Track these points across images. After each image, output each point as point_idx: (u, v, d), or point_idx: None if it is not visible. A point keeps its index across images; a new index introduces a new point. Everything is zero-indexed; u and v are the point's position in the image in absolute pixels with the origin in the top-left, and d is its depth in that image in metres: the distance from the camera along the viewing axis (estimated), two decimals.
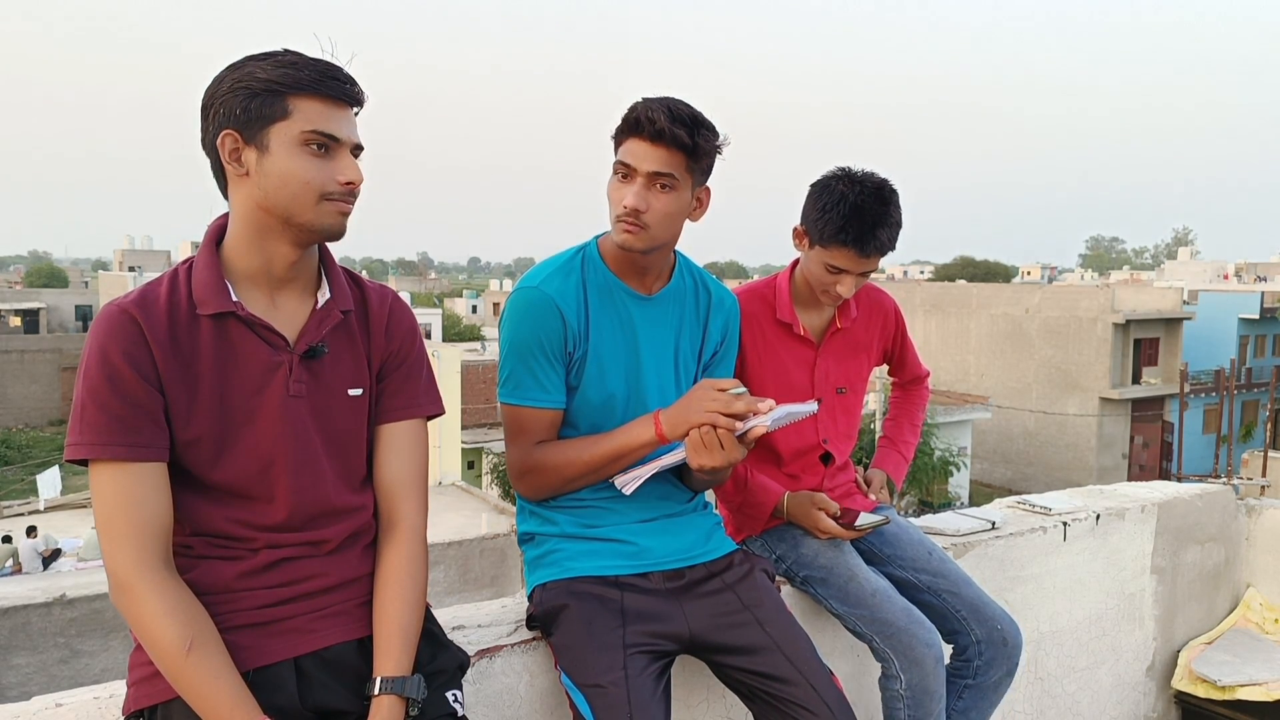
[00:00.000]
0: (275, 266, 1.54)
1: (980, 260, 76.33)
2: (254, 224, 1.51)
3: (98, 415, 1.40)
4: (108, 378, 1.41)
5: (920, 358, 2.67)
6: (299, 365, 1.54)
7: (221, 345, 1.49)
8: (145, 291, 1.48)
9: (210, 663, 1.40)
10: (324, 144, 1.48)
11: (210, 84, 1.48)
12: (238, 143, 1.46)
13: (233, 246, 1.53)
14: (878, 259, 2.21)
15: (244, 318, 1.50)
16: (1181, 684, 3.37)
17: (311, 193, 1.48)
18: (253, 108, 1.45)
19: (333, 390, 1.59)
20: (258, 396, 1.51)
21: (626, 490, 1.89)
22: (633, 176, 1.86)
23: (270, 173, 1.46)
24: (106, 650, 8.37)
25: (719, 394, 1.74)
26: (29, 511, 22.20)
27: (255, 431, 1.51)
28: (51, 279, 64.68)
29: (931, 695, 2.13)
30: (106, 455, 1.40)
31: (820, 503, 2.24)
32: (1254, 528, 3.69)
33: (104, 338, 1.42)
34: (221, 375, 1.49)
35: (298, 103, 1.46)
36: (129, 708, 1.48)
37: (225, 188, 1.53)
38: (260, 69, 1.45)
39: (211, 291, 1.49)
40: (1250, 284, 47.93)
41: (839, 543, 2.29)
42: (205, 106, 1.48)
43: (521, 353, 1.89)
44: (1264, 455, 15.16)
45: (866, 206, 2.14)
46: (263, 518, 1.53)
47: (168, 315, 1.46)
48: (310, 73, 1.46)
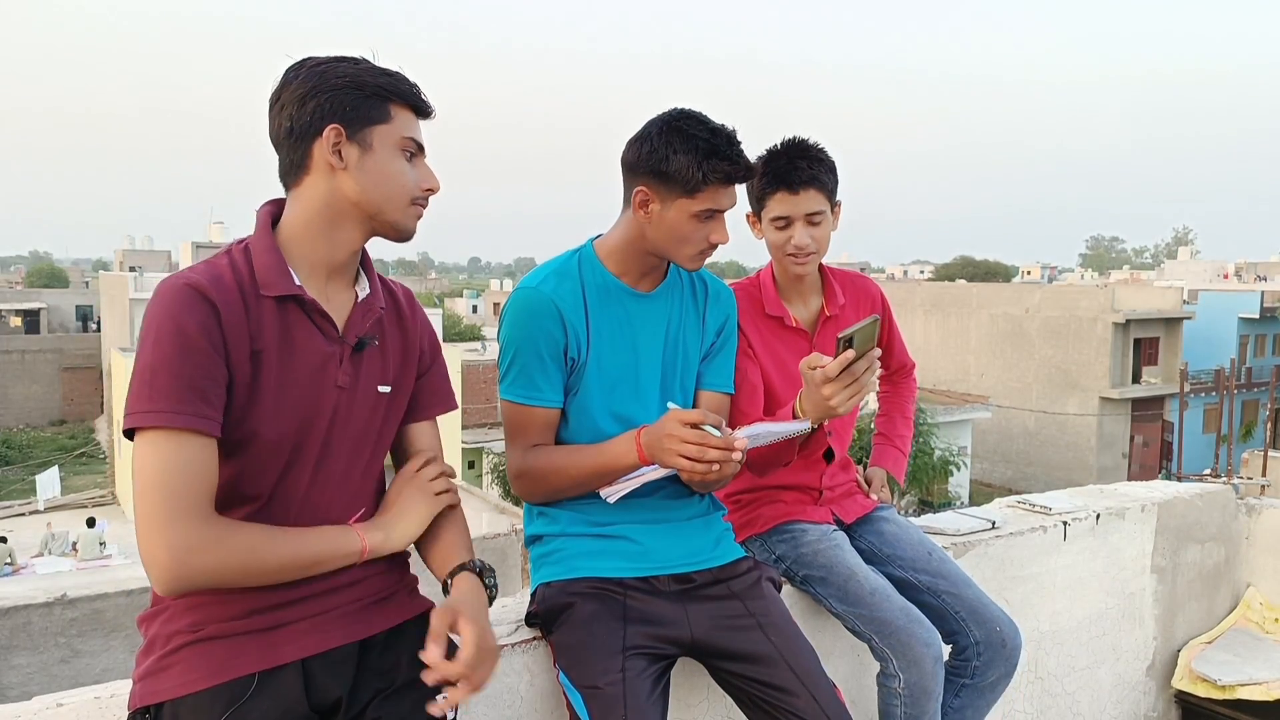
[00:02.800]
0: (337, 256, 1.57)
1: (980, 260, 76.31)
2: (331, 213, 1.54)
3: (171, 384, 1.39)
4: (183, 348, 1.40)
5: (907, 349, 2.67)
6: (348, 357, 1.58)
7: (283, 328, 1.51)
8: (210, 269, 1.47)
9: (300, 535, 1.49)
10: (413, 151, 1.58)
11: (305, 76, 1.51)
12: (341, 137, 1.51)
13: (296, 233, 1.54)
14: (815, 195, 2.23)
15: (306, 302, 1.52)
16: (1182, 683, 3.37)
17: (405, 195, 1.57)
18: (361, 107, 1.51)
19: (366, 385, 1.61)
20: (311, 385, 1.53)
21: (611, 500, 1.90)
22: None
23: (371, 170, 1.53)
24: (107, 650, 8.37)
25: (690, 434, 1.71)
26: (30, 511, 22.19)
27: (298, 419, 1.52)
28: (52, 279, 64.68)
29: (929, 695, 2.13)
30: (179, 424, 1.38)
31: (810, 364, 1.88)
32: (1254, 527, 3.69)
33: (177, 309, 1.40)
34: (281, 358, 1.50)
35: (397, 110, 1.55)
36: (134, 704, 1.48)
37: (297, 175, 1.54)
38: (366, 73, 1.53)
39: (276, 274, 1.50)
40: (1250, 283, 47.91)
41: (838, 542, 2.29)
42: (303, 96, 1.50)
43: (520, 351, 1.90)
44: (1264, 455, 15.15)
45: (779, 151, 2.25)
46: (283, 511, 1.53)
47: (237, 293, 1.47)
48: (407, 85, 1.56)
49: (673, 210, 1.87)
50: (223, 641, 1.47)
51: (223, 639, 1.47)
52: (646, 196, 1.88)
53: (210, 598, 1.47)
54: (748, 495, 2.40)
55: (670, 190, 1.86)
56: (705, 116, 1.88)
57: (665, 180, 1.85)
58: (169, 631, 1.48)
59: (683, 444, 1.71)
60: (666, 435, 1.74)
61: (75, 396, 42.50)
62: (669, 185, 1.85)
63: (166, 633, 1.48)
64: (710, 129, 1.85)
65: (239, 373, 1.45)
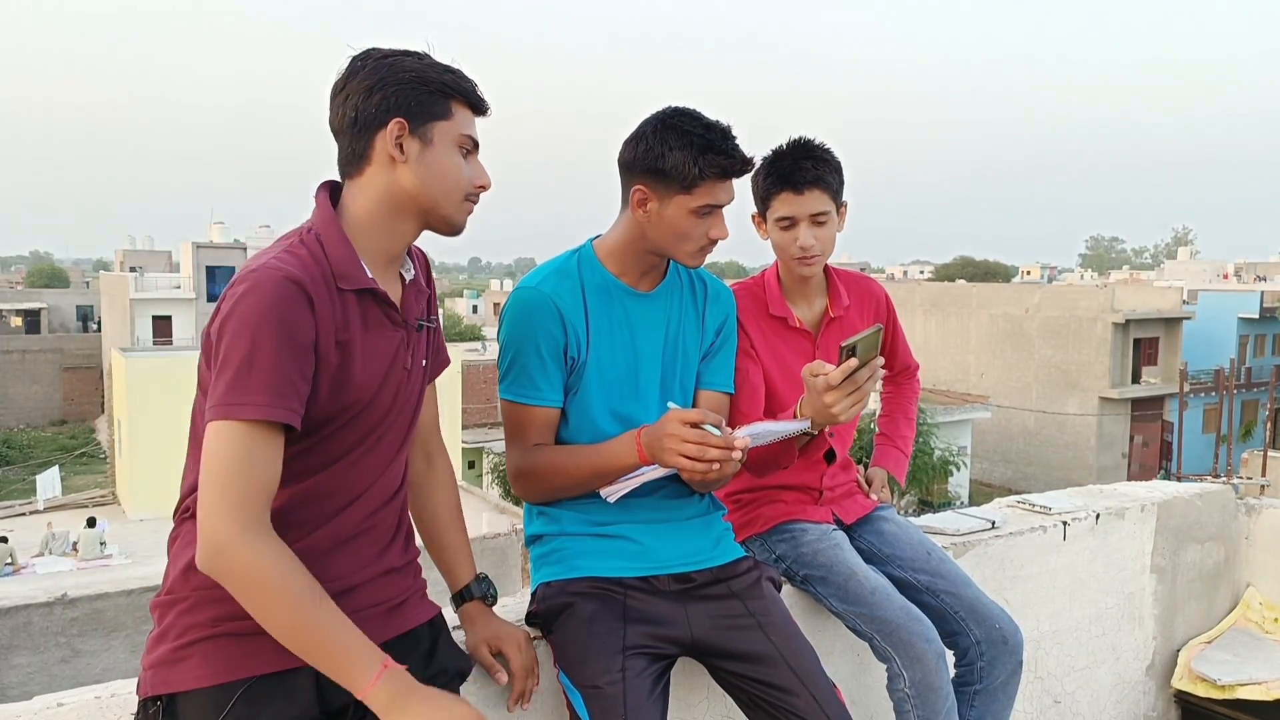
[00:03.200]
0: (395, 247, 1.60)
1: (980, 260, 76.38)
2: (392, 206, 1.56)
3: (269, 378, 1.40)
4: (284, 343, 1.41)
5: (911, 350, 2.67)
6: (412, 342, 1.63)
7: (362, 319, 1.54)
8: (298, 261, 1.47)
9: (332, 612, 1.41)
10: (469, 148, 1.61)
11: (373, 68, 1.53)
12: (404, 130, 1.53)
13: (360, 223, 1.56)
14: (820, 196, 2.23)
15: (379, 294, 1.55)
16: (1181, 683, 3.37)
17: (461, 190, 1.60)
18: (425, 102, 1.54)
19: (419, 363, 1.67)
20: (387, 372, 1.58)
21: (611, 499, 1.91)
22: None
23: (431, 165, 1.55)
24: (108, 650, 8.37)
25: (690, 433, 1.72)
26: (30, 511, 22.19)
27: (375, 405, 1.56)
28: (53, 279, 64.72)
29: (936, 692, 2.13)
30: (272, 417, 1.40)
31: (813, 371, 1.88)
32: (1254, 527, 3.69)
33: (277, 301, 1.41)
34: (364, 348, 1.53)
35: (457, 107, 1.58)
36: (146, 691, 1.48)
37: (358, 165, 1.56)
38: (430, 69, 1.55)
39: (352, 267, 1.52)
40: (1250, 284, 47.90)
41: (838, 542, 2.29)
42: (370, 88, 1.52)
43: (520, 351, 1.90)
44: (1264, 455, 15.15)
45: (784, 151, 2.26)
46: (326, 490, 1.55)
47: (324, 286, 1.48)
48: (468, 83, 1.59)
49: (671, 207, 1.88)
50: (241, 639, 1.46)
51: (241, 636, 1.46)
52: (644, 195, 1.89)
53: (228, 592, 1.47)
54: (748, 495, 2.40)
55: (668, 187, 1.86)
56: (700, 113, 1.89)
57: (662, 177, 1.86)
58: (187, 623, 1.48)
59: (683, 444, 1.72)
60: (666, 435, 1.74)
61: (75, 396, 42.51)
62: (666, 182, 1.86)
63: (184, 624, 1.48)
64: (705, 125, 1.86)
65: (326, 363, 1.48)
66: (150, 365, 24.19)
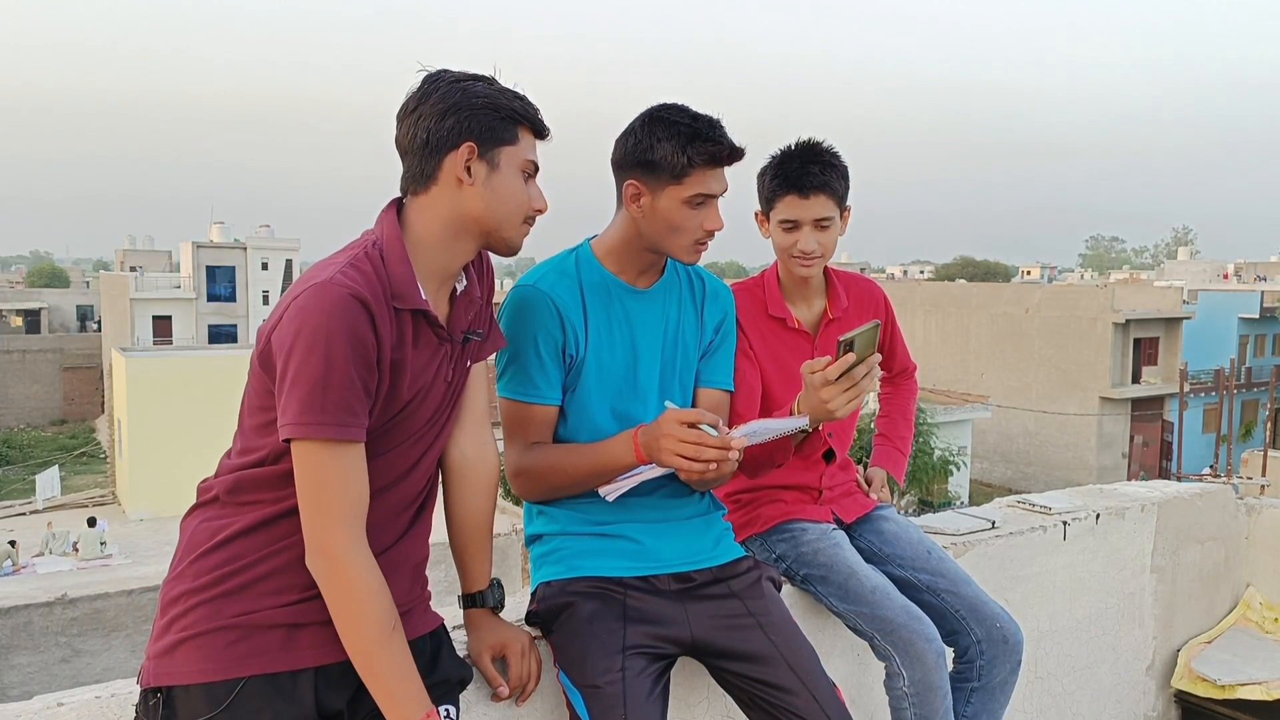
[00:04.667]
0: (454, 266, 1.64)
1: (980, 260, 76.43)
2: (455, 226, 1.60)
3: (345, 395, 1.44)
4: (355, 360, 1.45)
5: (909, 352, 2.67)
6: (456, 355, 1.66)
7: (414, 337, 1.58)
8: (363, 277, 1.50)
9: (404, 646, 1.50)
10: (531, 173, 1.66)
11: (446, 91, 1.57)
12: (473, 154, 1.57)
13: (424, 242, 1.60)
14: (825, 201, 2.23)
15: (429, 315, 1.59)
16: (1181, 683, 3.37)
17: (522, 213, 1.65)
18: (496, 128, 1.59)
19: (463, 368, 1.71)
20: (429, 386, 1.62)
21: (610, 499, 1.90)
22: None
23: (498, 189, 1.60)
24: (108, 650, 8.37)
25: (686, 433, 1.72)
26: (30, 511, 22.20)
27: (414, 419, 1.61)
28: (53, 279, 64.74)
29: (935, 691, 2.13)
30: (350, 436, 1.46)
31: (811, 368, 1.89)
32: (1254, 527, 3.69)
33: (346, 319, 1.44)
34: (413, 366, 1.57)
35: (523, 133, 1.63)
36: (148, 681, 1.48)
37: (425, 184, 1.59)
38: (500, 95, 1.60)
39: (409, 287, 1.56)
40: (1250, 283, 47.90)
41: (838, 541, 2.29)
42: (444, 111, 1.56)
43: (518, 348, 1.91)
44: (1264, 454, 15.17)
45: (792, 153, 2.26)
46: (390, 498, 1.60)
47: (385, 304, 1.52)
48: (534, 109, 1.64)
49: (663, 199, 1.88)
50: (245, 634, 1.47)
51: (245, 630, 1.47)
52: (637, 189, 1.89)
53: (242, 581, 1.49)
54: (748, 495, 2.40)
55: (658, 179, 1.87)
56: (687, 106, 1.90)
57: (652, 170, 1.86)
58: (192, 615, 1.49)
59: (679, 444, 1.72)
60: (664, 436, 1.74)
61: (75, 396, 42.51)
62: (656, 174, 1.87)
63: (189, 616, 1.49)
64: (692, 115, 1.87)
65: (381, 379, 1.52)
66: (150, 365, 24.20)
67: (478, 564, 1.86)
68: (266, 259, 44.79)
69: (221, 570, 1.49)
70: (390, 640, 1.47)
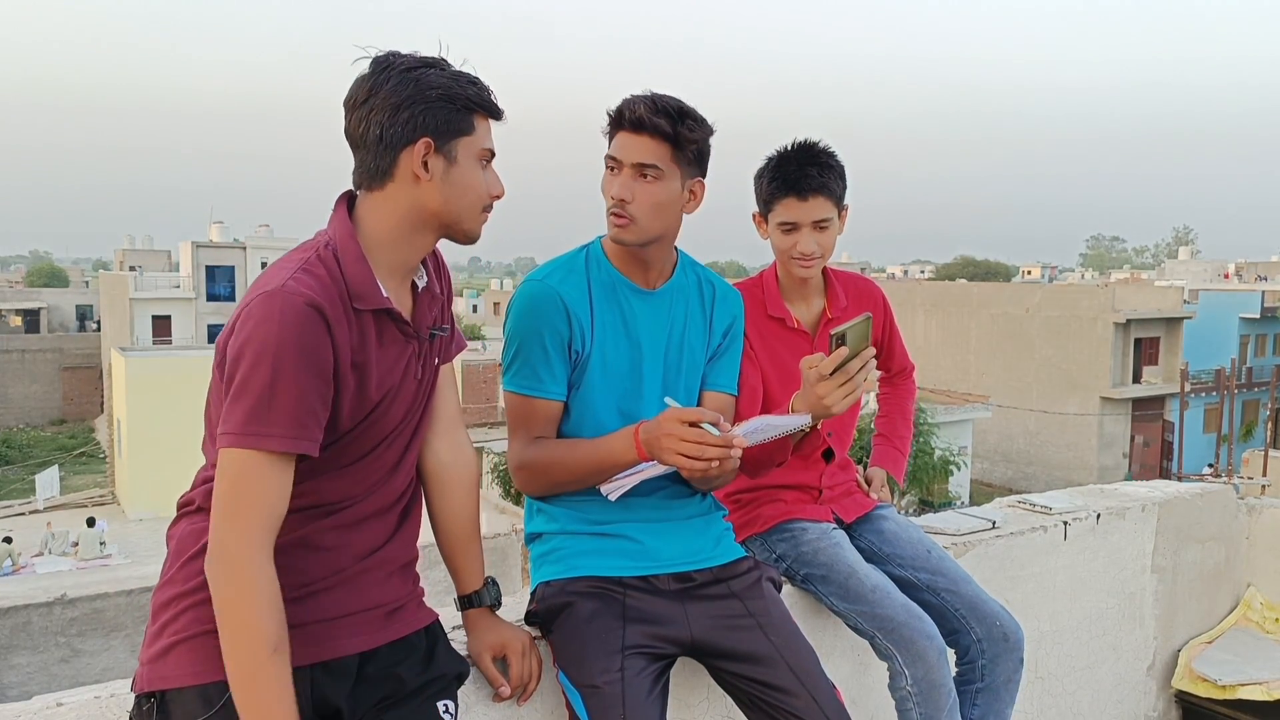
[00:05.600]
0: (412, 261, 1.61)
1: (980, 260, 76.47)
2: (412, 222, 1.56)
3: (293, 407, 1.41)
4: (305, 370, 1.41)
5: (908, 351, 2.67)
6: (423, 351, 1.63)
7: (378, 338, 1.55)
8: (316, 281, 1.46)
9: (284, 671, 1.41)
10: (488, 160, 1.62)
11: (399, 83, 1.50)
12: (430, 149, 1.52)
13: (379, 239, 1.55)
14: (823, 202, 2.23)
15: (393, 312, 1.55)
16: (1182, 683, 3.37)
17: (481, 203, 1.61)
18: (452, 120, 1.53)
19: (431, 365, 1.68)
20: (400, 386, 1.59)
21: (612, 497, 1.90)
22: (620, 169, 1.89)
23: (456, 183, 1.55)
24: (108, 650, 8.37)
25: (688, 432, 1.71)
26: (29, 511, 22.20)
27: (386, 419, 1.58)
28: (52, 278, 64.74)
29: (938, 688, 2.12)
30: (293, 449, 1.42)
31: (808, 364, 1.91)
32: (1254, 527, 3.69)
33: (297, 329, 1.41)
34: (379, 367, 1.54)
35: (479, 120, 1.57)
36: (141, 686, 1.48)
37: (380, 181, 1.53)
38: (456, 83, 1.53)
39: (368, 287, 1.51)
40: (1251, 283, 47.91)
41: (838, 541, 2.29)
42: (397, 105, 1.49)
43: (525, 343, 1.91)
44: (1264, 454, 15.17)
45: (789, 154, 2.25)
46: (344, 503, 1.57)
47: (342, 308, 1.48)
48: (488, 94, 1.58)
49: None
50: None
51: None
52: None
53: None
54: (748, 495, 2.40)
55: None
56: (639, 93, 1.89)
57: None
58: (184, 619, 1.48)
59: (681, 443, 1.71)
60: (664, 434, 1.73)
61: (75, 396, 42.51)
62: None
63: (180, 620, 1.48)
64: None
65: (345, 384, 1.48)
66: (150, 365, 24.22)
67: (469, 565, 1.84)
68: (266, 259, 44.71)
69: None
70: (272, 660, 1.39)
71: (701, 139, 1.90)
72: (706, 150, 1.93)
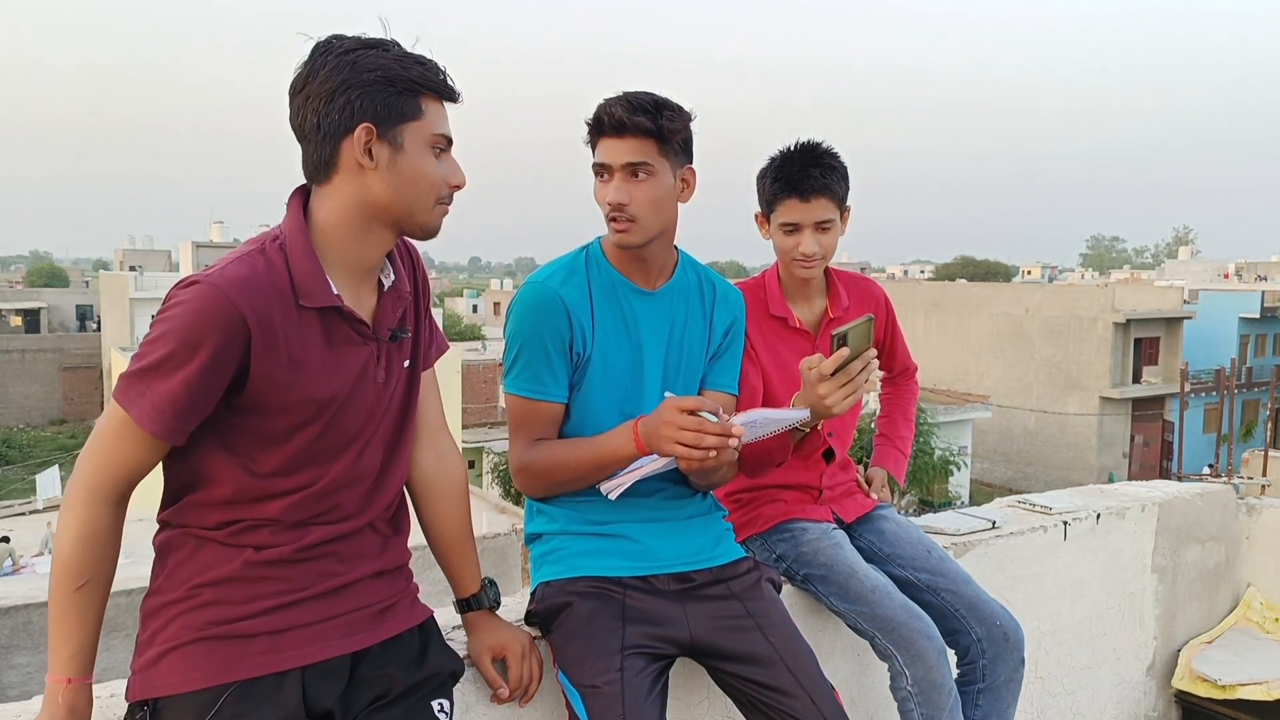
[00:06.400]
0: (370, 258, 1.53)
1: (980, 260, 76.44)
2: (363, 215, 1.49)
3: (172, 391, 1.38)
4: (199, 360, 1.37)
5: (910, 352, 2.67)
6: (384, 352, 1.57)
7: (324, 337, 1.48)
8: (246, 276, 1.41)
9: (88, 606, 1.43)
10: (443, 147, 1.52)
11: (334, 67, 1.43)
12: (372, 136, 1.44)
13: (331, 235, 1.49)
14: (825, 203, 2.23)
15: (345, 312, 1.49)
16: (1182, 683, 3.37)
17: (434, 194, 1.51)
18: (394, 104, 1.44)
19: (397, 370, 1.61)
20: (354, 390, 1.53)
21: (612, 496, 1.89)
22: (610, 174, 1.88)
23: (403, 171, 1.47)
24: (107, 650, 8.36)
25: (687, 420, 1.70)
26: (29, 511, 22.21)
27: (347, 419, 1.53)
28: (52, 278, 64.70)
29: (939, 688, 2.12)
30: (155, 433, 1.41)
31: (809, 364, 1.91)
32: (1254, 527, 3.69)
33: (206, 322, 1.37)
34: (323, 368, 1.48)
35: (428, 103, 1.48)
36: (133, 695, 1.47)
37: (326, 173, 1.47)
38: (398, 64, 1.45)
39: (316, 283, 1.46)
40: (1251, 283, 47.85)
41: (838, 541, 2.29)
42: (332, 91, 1.42)
43: (526, 346, 1.90)
44: (1264, 454, 15.16)
45: (792, 155, 2.25)
46: (308, 507, 1.53)
47: (276, 305, 1.42)
48: (437, 74, 1.48)
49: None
50: (226, 642, 1.46)
51: (226, 640, 1.46)
52: None
53: (220, 595, 1.47)
54: (748, 494, 2.40)
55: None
56: (612, 95, 1.88)
57: None
58: (173, 627, 1.47)
59: (679, 431, 1.70)
60: (663, 423, 1.73)
61: (75, 396, 42.54)
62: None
63: (170, 628, 1.47)
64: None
65: (276, 382, 1.43)
66: None
67: (465, 570, 1.82)
68: None
69: (195, 580, 1.48)
70: (78, 595, 1.41)
71: (684, 127, 1.89)
72: (690, 136, 1.92)
